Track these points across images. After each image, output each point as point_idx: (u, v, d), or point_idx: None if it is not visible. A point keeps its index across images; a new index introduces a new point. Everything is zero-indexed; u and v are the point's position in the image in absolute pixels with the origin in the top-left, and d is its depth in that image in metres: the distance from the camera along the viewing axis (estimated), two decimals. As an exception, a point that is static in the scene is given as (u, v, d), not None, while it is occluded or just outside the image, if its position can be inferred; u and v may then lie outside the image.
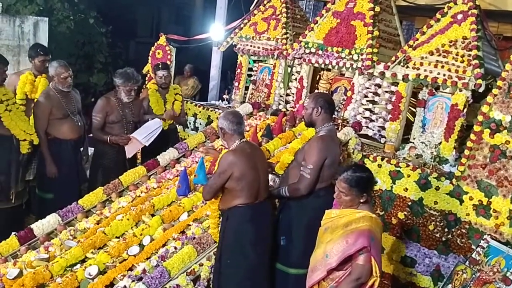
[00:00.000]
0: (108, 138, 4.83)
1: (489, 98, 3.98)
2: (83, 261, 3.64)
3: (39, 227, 4.01)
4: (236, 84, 6.60)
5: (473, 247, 3.91)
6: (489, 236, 3.79)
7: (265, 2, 6.36)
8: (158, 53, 7.01)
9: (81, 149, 5.10)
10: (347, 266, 2.94)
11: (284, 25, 5.99)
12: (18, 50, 6.87)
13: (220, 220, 3.57)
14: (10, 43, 6.77)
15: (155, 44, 7.09)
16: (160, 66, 5.41)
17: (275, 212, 3.82)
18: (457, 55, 4.37)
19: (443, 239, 4.12)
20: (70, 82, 4.73)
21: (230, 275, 3.41)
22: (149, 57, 7.11)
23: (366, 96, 5.12)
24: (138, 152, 5.16)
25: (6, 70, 4.26)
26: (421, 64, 4.61)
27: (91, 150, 5.36)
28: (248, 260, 3.42)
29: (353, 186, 2.96)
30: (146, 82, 7.02)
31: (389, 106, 4.95)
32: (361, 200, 3.01)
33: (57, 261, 3.55)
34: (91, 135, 5.16)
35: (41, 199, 4.84)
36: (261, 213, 3.47)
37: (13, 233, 3.94)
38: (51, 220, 4.07)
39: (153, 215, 4.08)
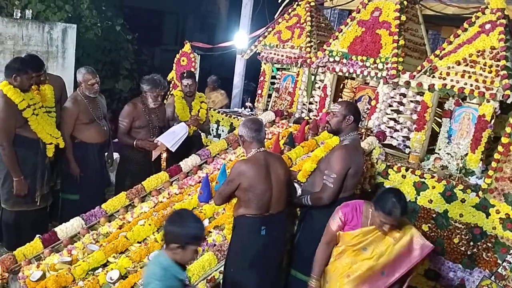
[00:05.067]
0: (135, 142, 4.90)
1: (517, 109, 3.90)
2: (105, 265, 3.68)
3: (63, 230, 4.06)
4: (259, 91, 6.60)
5: (499, 261, 3.83)
6: (517, 251, 3.70)
7: (289, 10, 6.36)
8: (183, 61, 7.07)
9: (106, 153, 5.17)
10: None
11: (309, 34, 5.98)
12: (47, 56, 7.02)
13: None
14: (39, 49, 6.91)
15: (180, 51, 7.16)
16: (185, 75, 5.46)
17: (295, 222, 3.78)
18: (484, 65, 4.29)
19: (468, 252, 4.03)
20: (97, 89, 4.82)
21: (232, 284, 3.38)
22: (174, 64, 7.18)
23: (390, 106, 5.06)
24: (162, 158, 5.21)
25: (33, 76, 4.34)
26: (448, 74, 4.54)
27: (115, 155, 5.44)
28: (251, 272, 3.35)
29: (403, 215, 3.00)
30: (171, 89, 7.10)
31: (414, 116, 4.88)
32: None
33: (80, 265, 3.59)
34: (116, 140, 5.23)
35: (66, 201, 4.92)
36: (272, 225, 3.38)
37: (37, 235, 4.00)
38: (75, 224, 4.13)
39: (174, 221, 4.10)
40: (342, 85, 5.75)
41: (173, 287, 2.45)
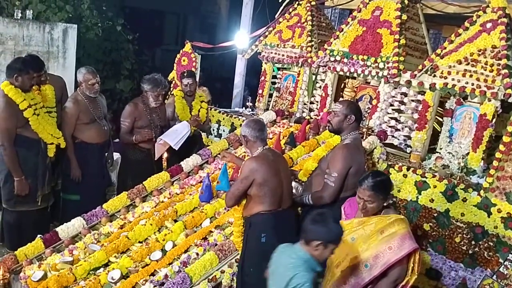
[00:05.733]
0: (134, 138, 4.94)
1: (519, 108, 3.89)
2: (106, 265, 3.68)
3: (64, 230, 4.07)
4: (260, 91, 6.60)
5: (500, 260, 3.82)
6: (518, 250, 3.70)
7: (290, 10, 6.36)
8: (184, 60, 7.07)
9: (106, 153, 5.17)
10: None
11: (309, 33, 5.98)
12: (48, 56, 7.02)
13: (244, 228, 3.55)
14: (39, 49, 6.92)
15: (181, 51, 7.15)
16: (185, 74, 5.46)
17: (298, 220, 3.78)
18: (486, 64, 4.28)
19: (470, 252, 4.02)
20: (97, 88, 4.82)
21: (253, 284, 3.37)
22: (175, 64, 7.18)
23: (391, 105, 5.06)
24: (163, 158, 5.21)
25: (34, 76, 4.34)
26: (449, 73, 4.53)
27: (116, 155, 5.44)
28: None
29: (377, 191, 3.00)
30: (172, 89, 7.10)
31: (415, 115, 4.88)
32: (385, 204, 3.06)
33: (81, 265, 3.59)
34: (117, 140, 5.23)
35: (67, 201, 4.93)
36: (284, 220, 3.44)
37: (38, 235, 4.01)
38: (76, 224, 4.14)
39: (175, 221, 4.11)
40: (343, 84, 5.75)
41: (314, 278, 2.65)
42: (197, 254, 3.63)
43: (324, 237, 2.64)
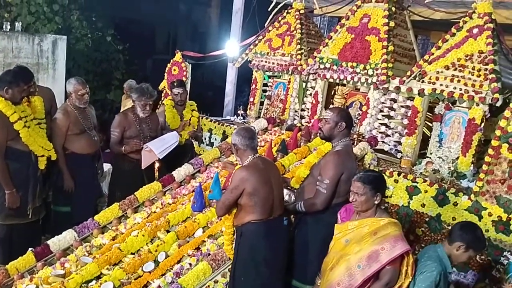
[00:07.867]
0: (123, 148, 4.89)
1: (506, 113, 3.91)
2: (98, 277, 3.64)
3: (55, 243, 4.03)
4: (251, 99, 6.62)
5: (492, 264, 3.83)
6: (509, 253, 3.72)
7: (279, 18, 6.40)
8: (174, 70, 7.07)
9: (96, 164, 5.14)
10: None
11: (299, 41, 6.02)
12: (37, 68, 7.01)
13: (235, 236, 3.55)
14: (29, 61, 6.90)
15: (171, 60, 7.16)
16: (175, 84, 5.45)
17: (290, 228, 3.78)
18: (473, 69, 4.33)
19: (462, 256, 4.03)
20: (86, 99, 4.80)
21: None
22: (166, 74, 7.18)
23: (381, 111, 5.09)
24: (154, 168, 5.19)
25: (25, 89, 4.32)
26: (437, 78, 4.58)
27: (106, 166, 5.41)
28: (262, 277, 3.38)
29: (366, 183, 3.06)
30: (162, 99, 7.09)
31: (405, 121, 4.91)
32: (376, 202, 3.09)
33: (73, 277, 3.56)
34: (107, 150, 5.19)
35: (57, 213, 4.89)
36: (275, 229, 3.43)
37: (29, 249, 3.97)
38: (67, 236, 4.10)
39: (168, 231, 4.08)
40: (333, 91, 5.79)
41: (442, 274, 2.94)
42: (190, 264, 3.61)
43: (468, 241, 2.97)
